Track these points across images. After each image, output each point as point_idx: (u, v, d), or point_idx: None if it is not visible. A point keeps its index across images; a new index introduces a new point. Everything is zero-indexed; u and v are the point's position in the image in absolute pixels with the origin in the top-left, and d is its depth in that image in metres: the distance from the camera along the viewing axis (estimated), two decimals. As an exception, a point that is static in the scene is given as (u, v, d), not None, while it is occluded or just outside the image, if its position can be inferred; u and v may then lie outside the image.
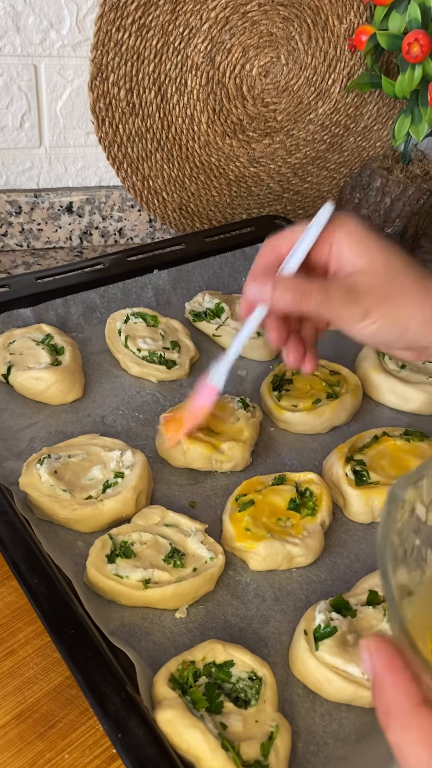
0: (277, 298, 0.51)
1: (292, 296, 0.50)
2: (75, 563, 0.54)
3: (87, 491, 0.58)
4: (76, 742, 0.46)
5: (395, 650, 0.28)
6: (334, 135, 1.03)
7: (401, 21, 0.84)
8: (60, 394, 0.69)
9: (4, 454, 0.63)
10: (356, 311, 0.50)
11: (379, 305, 0.50)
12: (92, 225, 1.00)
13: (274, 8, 0.91)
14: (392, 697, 0.27)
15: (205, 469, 0.64)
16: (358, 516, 0.61)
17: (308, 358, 0.58)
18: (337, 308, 0.51)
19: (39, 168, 0.95)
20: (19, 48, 0.86)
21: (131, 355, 0.75)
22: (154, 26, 0.87)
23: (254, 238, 0.92)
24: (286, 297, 0.51)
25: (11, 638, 0.52)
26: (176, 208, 1.00)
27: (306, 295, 0.50)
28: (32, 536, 0.53)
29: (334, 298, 0.50)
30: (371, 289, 0.50)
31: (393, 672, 0.28)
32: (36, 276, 0.80)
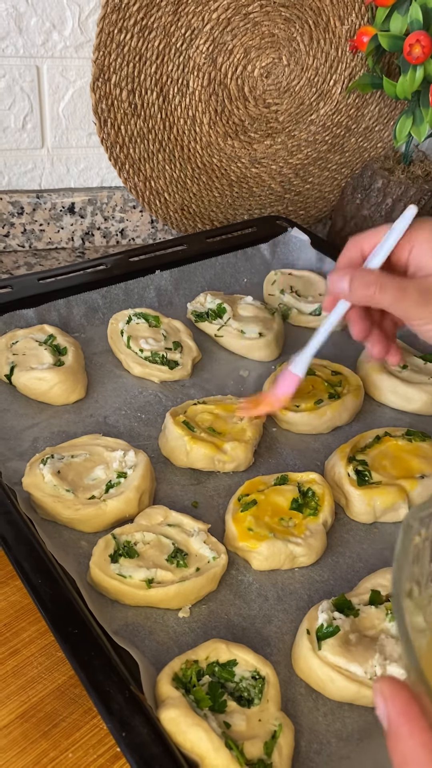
0: (355, 289, 0.54)
1: (369, 289, 0.53)
2: (78, 563, 0.54)
3: (90, 491, 0.58)
4: (79, 741, 0.47)
5: (411, 696, 0.27)
6: (336, 136, 1.04)
7: (402, 22, 0.84)
8: (63, 395, 0.69)
9: (7, 454, 0.64)
10: (428, 312, 0.52)
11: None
12: (94, 226, 1.00)
13: (275, 9, 0.91)
14: (409, 749, 0.26)
15: (208, 469, 0.64)
16: (360, 516, 0.61)
17: (393, 349, 0.60)
18: (410, 306, 0.52)
19: (41, 169, 0.95)
20: (22, 49, 0.86)
21: (133, 355, 0.75)
22: (156, 27, 0.87)
23: (256, 238, 0.92)
24: (363, 289, 0.53)
25: (15, 638, 0.52)
26: (178, 208, 1.00)
27: (382, 289, 0.52)
28: (36, 536, 0.53)
29: (409, 297, 0.52)
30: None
31: (409, 721, 0.26)
32: (38, 277, 0.80)
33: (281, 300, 0.85)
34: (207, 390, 0.74)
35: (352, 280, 0.54)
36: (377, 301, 0.53)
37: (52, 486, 0.58)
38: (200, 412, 0.68)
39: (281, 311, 0.84)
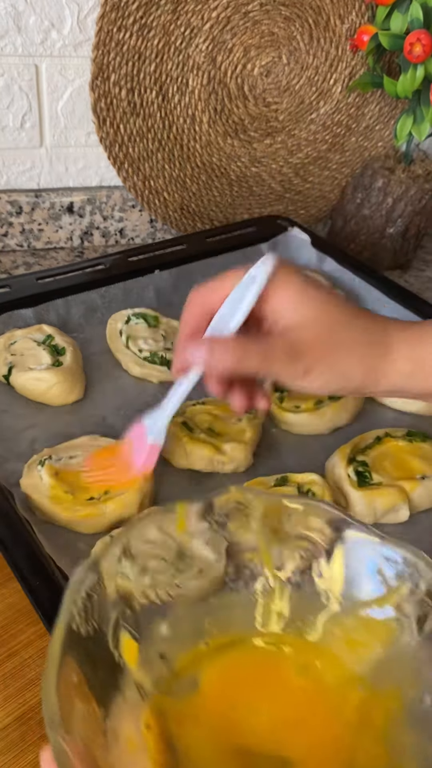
0: (215, 362, 0.49)
1: (231, 360, 0.48)
2: (77, 565, 0.54)
3: (89, 492, 0.58)
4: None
5: None
6: (336, 135, 1.03)
7: (403, 21, 0.84)
8: (61, 395, 0.69)
9: (5, 455, 0.63)
10: (298, 368, 0.49)
11: (320, 360, 0.49)
12: (93, 225, 1.00)
13: (275, 8, 0.91)
14: None
15: (207, 470, 0.64)
16: (360, 517, 0.61)
17: (259, 397, 0.54)
18: (278, 368, 0.49)
19: (40, 168, 0.95)
20: (20, 48, 0.86)
21: (132, 355, 0.74)
22: (155, 26, 0.86)
23: (256, 238, 0.92)
24: (224, 360, 0.48)
25: (13, 640, 0.52)
26: (177, 208, 1.00)
27: (245, 358, 0.48)
28: (34, 538, 0.53)
29: (275, 359, 0.48)
30: (311, 344, 0.49)
31: None
32: (37, 276, 0.80)
33: (281, 300, 0.85)
34: (206, 391, 0.74)
35: (211, 351, 0.48)
36: (242, 371, 0.48)
37: (50, 487, 0.57)
38: (199, 413, 0.67)
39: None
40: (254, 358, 0.48)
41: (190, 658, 0.42)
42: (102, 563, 0.38)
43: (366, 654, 0.42)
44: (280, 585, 0.44)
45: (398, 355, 0.50)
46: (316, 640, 0.43)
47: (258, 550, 0.44)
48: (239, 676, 0.42)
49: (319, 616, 0.43)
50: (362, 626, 0.42)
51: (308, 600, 0.43)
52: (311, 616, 0.43)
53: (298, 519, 0.43)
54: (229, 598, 0.44)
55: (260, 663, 0.43)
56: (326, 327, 0.49)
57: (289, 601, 0.44)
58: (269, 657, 0.43)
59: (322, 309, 0.49)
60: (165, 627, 0.41)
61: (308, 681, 0.42)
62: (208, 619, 0.43)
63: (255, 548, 0.44)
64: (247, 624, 0.44)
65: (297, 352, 0.48)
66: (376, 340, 0.50)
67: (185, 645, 0.42)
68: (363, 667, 0.42)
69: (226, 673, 0.42)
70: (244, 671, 0.43)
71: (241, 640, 0.43)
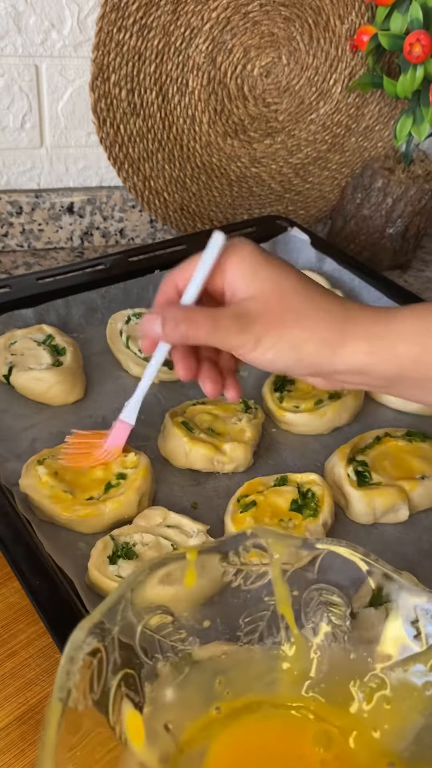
0: (167, 331, 0.49)
1: (181, 327, 0.48)
2: (77, 564, 0.54)
3: (89, 492, 0.58)
4: (78, 744, 0.46)
5: None
6: (336, 135, 1.03)
7: (403, 21, 0.84)
8: (61, 395, 0.69)
9: (5, 455, 0.63)
10: (248, 338, 0.48)
11: (270, 330, 0.48)
12: (93, 225, 1.00)
13: (275, 8, 0.91)
14: None
15: (207, 470, 0.64)
16: (360, 517, 0.61)
17: (228, 384, 0.55)
18: (227, 336, 0.48)
19: (40, 168, 0.95)
20: (21, 48, 0.86)
21: (132, 355, 0.75)
22: (155, 26, 0.87)
23: (256, 238, 0.92)
24: (175, 328, 0.49)
25: (13, 639, 0.52)
26: (177, 208, 1.00)
27: (193, 325, 0.48)
28: (34, 537, 0.53)
29: (223, 326, 0.48)
30: (261, 313, 0.48)
31: None
32: (37, 276, 0.80)
33: (281, 300, 0.85)
34: (206, 390, 0.74)
35: (163, 320, 0.49)
36: (192, 338, 0.49)
37: (49, 487, 0.57)
38: (199, 413, 0.67)
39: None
40: (203, 326, 0.48)
41: (198, 727, 0.37)
42: (105, 624, 0.34)
43: (401, 724, 0.36)
44: (302, 641, 0.39)
45: (355, 332, 0.47)
46: (342, 705, 0.38)
47: (277, 600, 0.39)
48: (251, 747, 0.38)
49: (346, 677, 0.38)
50: (399, 691, 0.37)
51: (335, 659, 0.38)
52: (337, 677, 0.38)
53: (324, 564, 0.38)
54: (242, 654, 0.39)
55: (276, 731, 0.38)
56: (277, 297, 0.48)
57: (312, 659, 0.39)
58: (286, 724, 0.38)
59: (273, 280, 0.49)
60: (171, 691, 0.37)
61: (330, 753, 0.37)
62: (219, 679, 0.38)
63: (273, 597, 0.39)
64: (263, 685, 0.39)
65: (246, 321, 0.48)
66: (332, 313, 0.48)
67: (194, 712, 0.37)
68: (396, 740, 0.36)
69: (237, 744, 0.37)
70: (257, 741, 0.38)
71: (257, 704, 0.38)
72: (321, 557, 0.38)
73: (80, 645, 0.33)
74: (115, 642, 0.34)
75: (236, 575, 0.38)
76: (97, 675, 0.33)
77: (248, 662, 0.39)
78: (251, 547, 0.38)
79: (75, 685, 0.32)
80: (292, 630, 0.39)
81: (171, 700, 0.37)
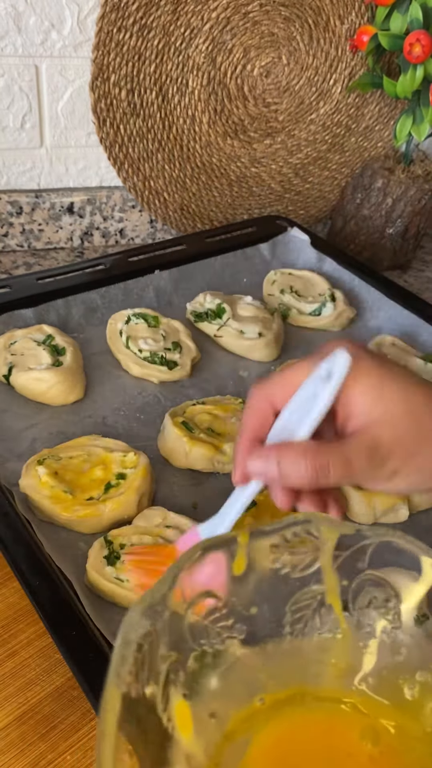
0: (286, 477, 0.41)
1: (306, 474, 0.41)
2: (76, 564, 0.54)
3: (88, 492, 0.58)
4: (77, 743, 0.46)
5: None
6: (336, 135, 1.03)
7: (402, 21, 0.84)
8: (61, 395, 0.69)
9: (5, 455, 0.63)
10: (383, 473, 0.42)
11: (407, 462, 0.42)
12: (93, 225, 1.00)
13: (275, 9, 0.91)
14: None
15: (207, 470, 0.64)
16: (360, 517, 0.61)
17: (330, 505, 0.46)
18: (361, 477, 0.42)
19: (40, 168, 0.95)
20: (21, 48, 0.86)
21: (132, 355, 0.75)
22: (155, 27, 0.87)
23: (256, 238, 0.92)
24: (299, 476, 0.41)
25: (13, 639, 0.52)
26: (177, 208, 1.00)
27: (324, 472, 0.41)
28: (34, 537, 0.53)
29: (357, 468, 0.41)
30: (396, 444, 0.42)
31: None
32: (37, 276, 0.80)
33: (281, 300, 0.85)
34: (206, 390, 0.74)
35: (282, 464, 0.41)
36: (320, 485, 0.41)
37: (49, 487, 0.57)
38: (199, 413, 0.67)
39: (281, 311, 0.84)
40: (335, 470, 0.41)
41: (242, 718, 0.36)
42: (157, 606, 0.33)
43: None
44: (350, 633, 0.38)
45: None
46: (391, 700, 0.36)
47: (326, 589, 0.38)
48: (296, 739, 0.37)
49: (396, 671, 0.37)
50: None
51: (384, 652, 0.37)
52: (387, 669, 0.37)
53: (375, 553, 0.37)
54: (287, 644, 0.38)
55: (321, 724, 0.37)
56: (410, 422, 0.42)
57: (360, 652, 0.37)
58: (332, 717, 0.37)
59: (404, 400, 0.42)
60: (216, 680, 0.36)
61: (378, 749, 0.35)
62: (263, 669, 0.37)
63: (321, 586, 0.38)
64: (308, 677, 0.38)
65: (380, 455, 0.41)
66: None
67: (238, 701, 0.37)
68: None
69: (282, 736, 0.36)
70: (302, 733, 0.37)
71: (301, 695, 0.37)
72: (373, 547, 0.37)
73: (134, 627, 0.32)
74: (165, 626, 0.33)
75: (285, 561, 0.37)
76: (150, 660, 0.32)
77: (293, 653, 0.38)
78: (303, 533, 0.37)
79: (129, 670, 0.31)
80: (340, 621, 0.38)
81: (216, 689, 0.36)
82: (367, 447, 0.41)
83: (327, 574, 0.37)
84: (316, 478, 0.41)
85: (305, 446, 0.42)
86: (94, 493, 0.58)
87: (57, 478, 0.58)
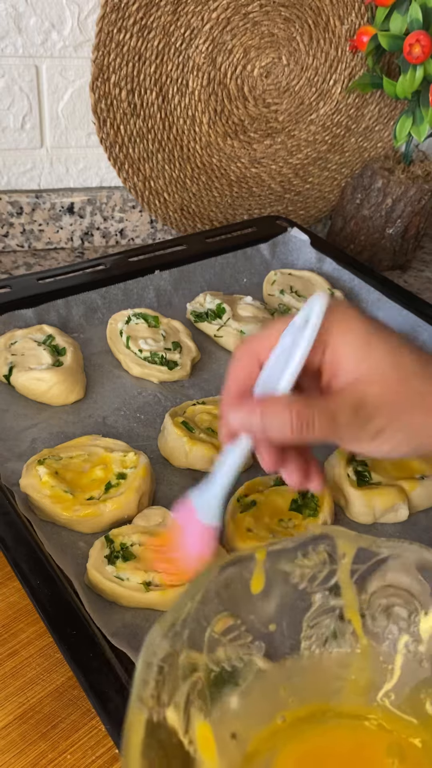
0: (269, 430, 0.41)
1: (290, 428, 0.40)
2: (77, 564, 0.54)
3: (89, 492, 0.58)
4: (78, 742, 0.46)
5: None
6: (336, 136, 1.04)
7: (402, 22, 0.84)
8: (61, 395, 0.69)
9: (5, 455, 0.63)
10: (367, 431, 0.41)
11: (393, 421, 0.41)
12: (93, 226, 1.00)
13: (275, 9, 0.91)
14: None
15: (207, 470, 0.64)
16: (359, 516, 0.61)
17: (313, 473, 0.46)
18: (345, 434, 0.41)
19: (40, 169, 0.95)
20: (21, 49, 0.86)
21: (132, 355, 0.75)
22: (155, 27, 0.87)
23: (256, 238, 0.92)
24: (282, 429, 0.40)
25: (13, 639, 0.52)
26: (177, 208, 1.00)
27: (308, 426, 0.40)
28: (34, 537, 0.53)
29: (342, 424, 0.40)
30: (382, 402, 0.41)
31: None
32: (37, 277, 0.80)
33: (281, 300, 0.85)
34: (206, 390, 0.74)
35: (265, 416, 0.40)
36: (303, 440, 0.40)
37: (49, 487, 0.58)
38: (199, 413, 0.67)
39: (281, 311, 0.84)
40: (318, 425, 0.40)
41: (264, 737, 0.35)
42: (176, 626, 0.32)
43: None
44: (369, 648, 0.37)
45: None
46: (415, 714, 0.35)
47: (344, 604, 0.37)
48: (319, 758, 0.36)
49: (420, 684, 0.36)
50: None
51: (406, 668, 0.36)
52: (409, 685, 0.36)
53: (394, 566, 0.36)
54: (306, 660, 0.37)
55: (345, 742, 0.36)
56: (399, 379, 0.41)
57: (380, 665, 0.36)
58: (356, 734, 0.36)
59: (392, 358, 0.41)
60: (236, 699, 0.35)
61: (405, 765, 0.35)
62: (284, 686, 0.36)
63: (340, 600, 0.37)
64: (330, 693, 0.37)
65: (366, 412, 0.41)
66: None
67: (259, 720, 0.36)
68: None
69: (305, 755, 0.36)
70: (326, 752, 0.36)
71: (322, 712, 0.36)
72: (392, 559, 0.36)
73: (156, 649, 0.31)
74: (185, 646, 0.33)
75: (302, 577, 0.36)
76: (171, 682, 0.32)
77: (313, 669, 0.37)
78: (322, 547, 0.36)
79: (152, 693, 0.30)
80: (359, 636, 0.37)
81: (236, 709, 0.35)
82: (353, 403, 0.41)
83: (345, 588, 0.37)
84: (300, 431, 0.40)
85: (290, 399, 0.41)
86: (94, 493, 0.58)
87: (57, 478, 0.58)
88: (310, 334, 0.41)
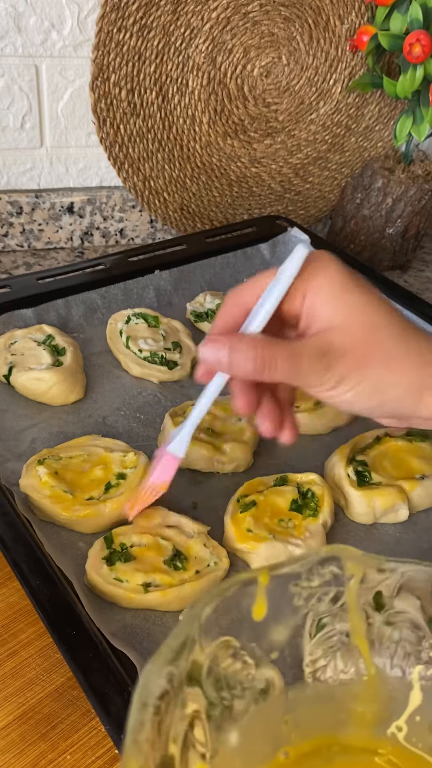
0: (235, 365, 0.42)
1: (254, 364, 0.42)
2: (76, 564, 0.54)
3: (88, 492, 0.58)
4: (78, 743, 0.46)
5: None
6: (336, 135, 1.03)
7: (402, 21, 0.84)
8: (61, 395, 0.69)
9: (5, 455, 0.63)
10: (329, 377, 0.42)
11: (355, 370, 0.42)
12: (93, 225, 1.00)
13: (275, 9, 0.91)
14: None
15: (207, 470, 0.64)
16: (360, 517, 0.61)
17: (286, 424, 0.48)
18: (307, 375, 0.42)
19: (40, 168, 0.95)
20: (21, 48, 0.86)
21: (132, 355, 0.75)
22: (155, 27, 0.87)
23: (256, 238, 0.92)
24: (246, 365, 0.42)
25: (13, 639, 0.52)
26: (177, 208, 1.00)
27: (270, 364, 0.42)
28: (34, 537, 0.53)
29: (305, 366, 0.42)
30: (347, 350, 0.42)
31: None
32: (37, 276, 0.80)
33: (281, 300, 0.85)
34: (206, 390, 0.74)
35: (232, 351, 0.42)
36: (267, 377, 0.42)
37: (49, 487, 0.57)
38: (199, 413, 0.67)
39: (281, 311, 0.84)
40: (281, 365, 0.42)
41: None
42: (174, 660, 0.30)
43: None
44: (377, 676, 0.35)
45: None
46: (428, 749, 0.33)
47: (351, 629, 0.35)
48: None
49: (429, 717, 0.34)
50: None
51: (418, 695, 0.35)
52: (422, 716, 0.34)
53: (403, 587, 0.34)
54: (311, 691, 0.35)
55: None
56: (366, 330, 0.42)
57: (390, 695, 0.34)
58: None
59: (363, 309, 0.42)
60: (236, 735, 0.33)
61: None
62: (286, 719, 0.34)
63: (346, 624, 0.35)
64: (336, 724, 0.35)
65: (330, 357, 0.42)
66: (423, 356, 0.43)
67: (261, 757, 0.34)
68: None
69: None
70: None
71: (328, 747, 0.34)
72: (403, 580, 0.34)
73: (151, 688, 0.29)
74: (183, 682, 0.31)
75: (307, 600, 0.34)
76: (167, 721, 0.29)
77: (317, 700, 0.35)
78: (328, 569, 0.34)
79: (147, 737, 0.28)
80: (367, 665, 0.35)
81: (236, 745, 0.33)
82: (318, 347, 0.42)
83: (352, 612, 0.35)
84: (263, 369, 0.42)
85: (257, 338, 0.43)
86: (94, 493, 0.58)
87: (57, 478, 0.58)
88: (285, 281, 0.43)
